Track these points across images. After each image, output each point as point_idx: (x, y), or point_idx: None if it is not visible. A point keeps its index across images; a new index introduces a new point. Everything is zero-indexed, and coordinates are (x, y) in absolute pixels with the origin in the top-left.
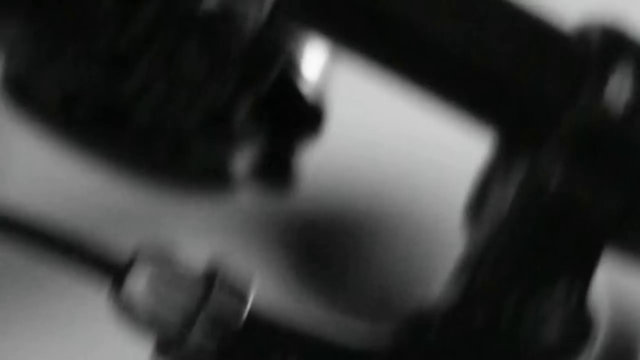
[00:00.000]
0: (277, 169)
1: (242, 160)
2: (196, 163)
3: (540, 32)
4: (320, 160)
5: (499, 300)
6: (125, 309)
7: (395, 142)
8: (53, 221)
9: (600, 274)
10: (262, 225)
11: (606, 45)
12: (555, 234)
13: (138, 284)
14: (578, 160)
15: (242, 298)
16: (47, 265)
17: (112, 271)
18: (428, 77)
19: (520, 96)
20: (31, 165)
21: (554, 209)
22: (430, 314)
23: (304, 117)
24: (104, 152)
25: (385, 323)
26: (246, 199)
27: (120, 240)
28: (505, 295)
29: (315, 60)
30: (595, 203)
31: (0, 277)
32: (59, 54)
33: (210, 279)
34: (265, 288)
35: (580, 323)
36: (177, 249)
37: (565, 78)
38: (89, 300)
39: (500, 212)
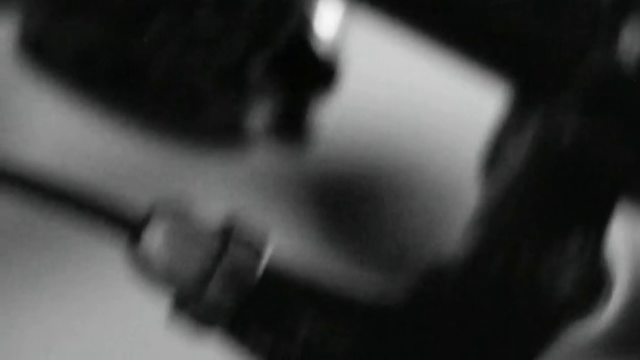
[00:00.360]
0: (292, 125)
1: (258, 117)
2: (212, 119)
3: None
4: (336, 116)
5: (514, 252)
6: (142, 265)
7: (411, 97)
8: (70, 179)
9: (619, 227)
10: (277, 182)
11: None
12: (569, 185)
13: (155, 239)
14: (592, 111)
15: (259, 253)
16: (64, 222)
17: (129, 227)
18: (442, 30)
19: (534, 48)
20: (48, 124)
21: (568, 159)
22: (446, 267)
23: (317, 73)
24: (120, 109)
25: (402, 276)
26: (262, 155)
27: (137, 197)
28: (521, 247)
29: (329, 17)
30: (609, 154)
31: (17, 236)
32: (75, 11)
33: (227, 234)
34: (282, 243)
35: (595, 274)
36: (194, 205)
37: (578, 30)
38: (106, 258)
39: (515, 164)
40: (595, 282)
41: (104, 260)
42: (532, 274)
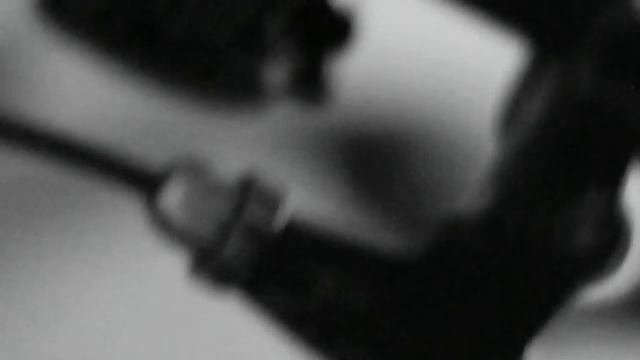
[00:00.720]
0: (311, 83)
1: (276, 74)
2: (230, 77)
3: None
4: (354, 73)
5: (531, 206)
6: (161, 222)
7: (429, 53)
8: (88, 137)
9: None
10: (296, 139)
11: None
12: (585, 140)
13: (173, 196)
14: (607, 67)
15: (278, 209)
16: (84, 180)
17: (148, 184)
18: None
19: (551, 2)
20: (67, 83)
21: (583, 115)
22: (463, 222)
23: (334, 29)
24: (139, 67)
25: (420, 231)
26: (280, 113)
27: (155, 155)
28: (537, 201)
29: None
30: (624, 109)
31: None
32: None
33: (246, 189)
34: (300, 200)
35: (611, 229)
36: (212, 163)
37: None
38: (125, 217)
39: (531, 120)
40: (610, 236)
41: (122, 220)
42: (547, 229)
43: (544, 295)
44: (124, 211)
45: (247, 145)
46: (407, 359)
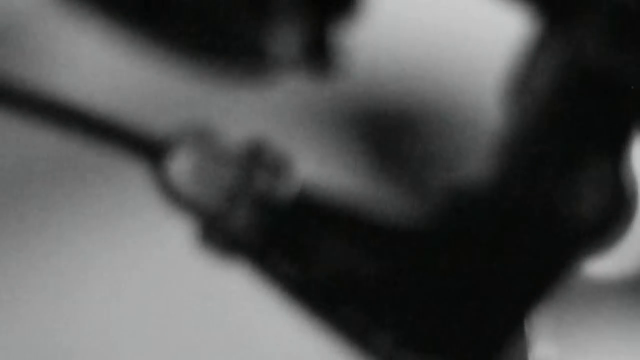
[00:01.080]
0: (319, 54)
1: (285, 45)
2: (240, 48)
3: None
4: (363, 42)
5: (536, 173)
6: (169, 190)
7: (437, 21)
8: (97, 105)
9: None
10: (305, 109)
11: None
12: (589, 108)
13: (182, 164)
14: (613, 35)
15: (286, 177)
16: (92, 149)
17: (157, 152)
18: None
19: None
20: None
21: (589, 83)
22: (469, 189)
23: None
24: (148, 35)
25: (427, 198)
26: (289, 83)
27: (163, 123)
28: (542, 168)
29: None
30: (630, 78)
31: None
32: None
33: (254, 158)
34: (309, 168)
35: (615, 197)
36: (220, 131)
37: None
38: (133, 187)
39: (538, 88)
40: (615, 206)
41: (130, 190)
42: (551, 197)
43: (547, 263)
44: (133, 181)
45: (255, 116)
46: (411, 325)
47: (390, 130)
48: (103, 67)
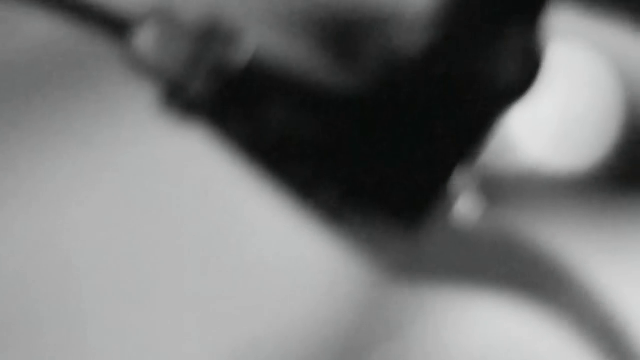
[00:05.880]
0: None
1: None
2: None
3: None
4: None
5: (461, 42)
6: (136, 61)
7: None
8: None
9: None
10: None
11: None
12: None
13: (146, 38)
14: None
15: (239, 47)
16: (66, 27)
17: (124, 28)
18: None
19: None
20: None
21: None
22: (402, 57)
23: None
24: None
25: (364, 67)
26: None
27: (129, 3)
28: (466, 38)
29: None
30: None
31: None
32: None
33: (210, 30)
34: (260, 39)
35: (529, 59)
36: (180, 8)
37: None
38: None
39: None
40: (530, 65)
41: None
42: (475, 64)
43: (473, 120)
44: (105, 62)
45: None
46: (352, 181)
47: (332, 7)
48: None
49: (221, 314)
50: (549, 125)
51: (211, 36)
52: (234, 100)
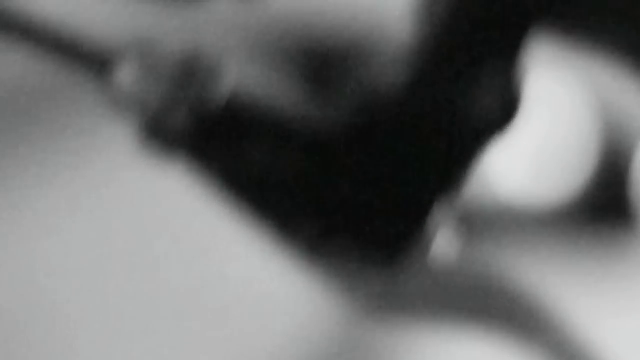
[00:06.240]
0: None
1: None
2: None
3: None
4: None
5: (440, 80)
6: (115, 97)
7: None
8: (47, 21)
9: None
10: (235, 24)
11: None
12: (485, 20)
13: (127, 73)
14: None
15: (219, 84)
16: (45, 61)
17: (103, 62)
18: None
19: None
20: None
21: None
22: (382, 95)
23: None
24: None
25: (343, 103)
26: (223, 2)
27: (111, 38)
28: (445, 76)
29: None
30: None
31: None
32: None
33: (190, 66)
34: (240, 79)
35: (507, 95)
36: (161, 44)
37: None
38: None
39: (441, 8)
40: (508, 103)
41: (80, 101)
42: (454, 100)
43: (452, 157)
44: (83, 93)
45: (192, 30)
46: (331, 217)
47: (311, 45)
48: None
49: (196, 350)
50: (526, 158)
51: (191, 71)
52: (213, 136)
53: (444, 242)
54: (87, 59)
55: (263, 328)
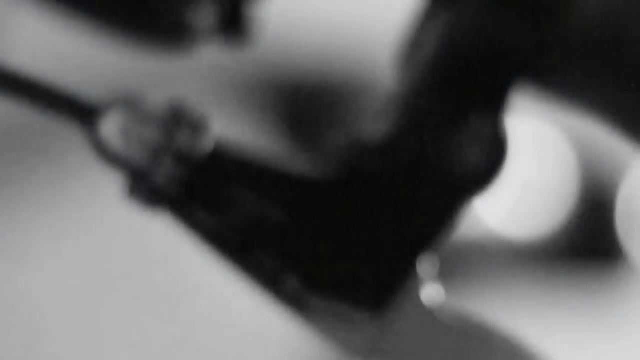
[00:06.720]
0: (234, 24)
1: (202, 16)
2: (159, 20)
3: None
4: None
5: (424, 130)
6: (101, 149)
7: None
8: (27, 72)
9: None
10: (220, 75)
11: None
12: (469, 72)
13: (111, 126)
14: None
15: (203, 136)
16: (29, 113)
17: (89, 116)
18: None
19: None
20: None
21: (469, 48)
22: (366, 145)
23: None
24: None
25: (328, 153)
26: (206, 51)
27: (95, 90)
28: (430, 127)
29: None
30: (504, 44)
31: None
32: None
33: (175, 119)
34: (225, 128)
35: (493, 148)
36: (145, 96)
37: None
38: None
39: (426, 56)
40: (493, 153)
41: (65, 151)
42: (440, 152)
43: (438, 208)
44: (67, 144)
45: (176, 81)
46: (316, 270)
47: (297, 94)
48: (38, 41)
49: None
50: (505, 198)
51: (175, 124)
52: (198, 188)
53: (430, 289)
54: (72, 111)
55: None
